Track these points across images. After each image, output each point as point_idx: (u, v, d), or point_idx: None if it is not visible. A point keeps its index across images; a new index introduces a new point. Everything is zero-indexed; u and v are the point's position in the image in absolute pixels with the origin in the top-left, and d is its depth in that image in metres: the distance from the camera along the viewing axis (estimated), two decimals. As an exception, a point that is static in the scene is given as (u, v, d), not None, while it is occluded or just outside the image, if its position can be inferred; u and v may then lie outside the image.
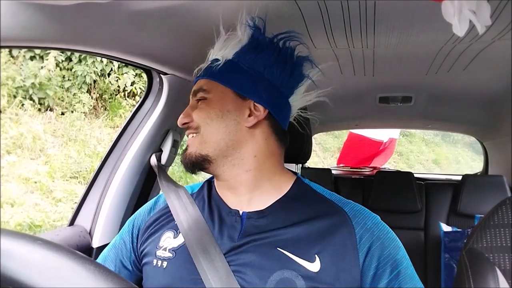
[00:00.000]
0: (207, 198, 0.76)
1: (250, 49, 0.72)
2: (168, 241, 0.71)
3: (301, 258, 0.62)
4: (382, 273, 0.63)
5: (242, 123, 0.70)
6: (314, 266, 0.62)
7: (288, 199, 0.71)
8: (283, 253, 0.63)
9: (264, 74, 0.71)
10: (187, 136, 0.75)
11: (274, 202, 0.70)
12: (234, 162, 0.70)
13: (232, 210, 0.70)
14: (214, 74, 0.72)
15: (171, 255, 0.69)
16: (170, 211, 0.75)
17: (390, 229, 0.68)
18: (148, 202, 0.83)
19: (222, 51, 0.74)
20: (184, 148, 0.75)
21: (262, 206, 0.70)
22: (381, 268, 0.63)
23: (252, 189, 0.71)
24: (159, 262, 0.69)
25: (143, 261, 0.73)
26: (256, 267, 0.62)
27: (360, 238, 0.65)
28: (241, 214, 0.70)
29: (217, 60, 0.73)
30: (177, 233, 0.72)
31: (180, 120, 0.73)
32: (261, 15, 0.73)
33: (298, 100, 0.77)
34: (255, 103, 0.70)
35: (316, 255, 0.63)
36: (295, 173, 0.78)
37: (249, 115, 0.70)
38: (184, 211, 0.73)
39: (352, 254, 0.63)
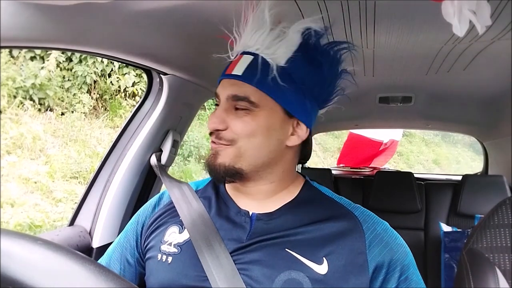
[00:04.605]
0: (214, 196, 0.75)
1: (306, 60, 0.64)
2: (173, 236, 0.71)
3: (309, 260, 0.62)
4: (390, 277, 0.63)
5: (284, 142, 0.66)
6: (321, 269, 0.61)
7: (298, 202, 0.70)
8: (290, 254, 0.63)
9: (313, 91, 0.66)
10: (216, 140, 0.66)
11: (284, 205, 0.70)
12: (263, 175, 0.68)
13: (242, 210, 0.70)
14: (266, 85, 0.62)
15: (176, 250, 0.68)
16: (174, 206, 0.75)
17: (399, 235, 0.68)
18: (152, 199, 0.82)
19: (271, 50, 0.63)
20: (210, 153, 0.67)
21: (272, 208, 0.69)
22: (389, 273, 0.63)
23: (269, 196, 0.71)
24: (164, 257, 0.68)
25: (147, 256, 0.73)
26: (263, 266, 0.62)
27: (369, 243, 0.64)
28: (250, 215, 0.69)
29: (266, 62, 0.62)
30: (182, 228, 0.71)
31: (212, 125, 0.64)
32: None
33: (325, 109, 0.74)
34: (299, 121, 0.66)
35: (324, 258, 0.62)
36: (303, 176, 0.77)
37: (292, 134, 0.67)
38: (189, 206, 0.73)
39: (361, 259, 0.63)
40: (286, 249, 0.63)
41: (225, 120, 0.64)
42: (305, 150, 0.74)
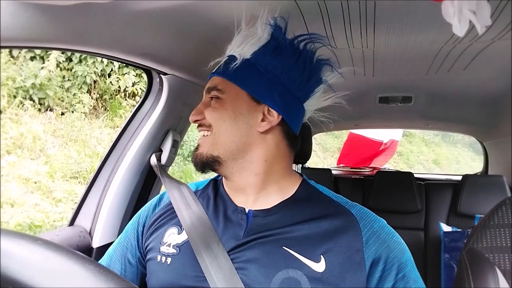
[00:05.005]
0: (213, 195, 0.76)
1: (269, 50, 0.70)
2: (172, 237, 0.72)
3: (307, 258, 0.62)
4: (387, 275, 0.64)
5: (254, 127, 0.69)
6: (319, 266, 0.62)
7: (294, 200, 0.71)
8: (288, 252, 0.63)
9: (280, 79, 0.69)
10: (199, 132, 0.74)
11: (281, 202, 0.70)
12: (244, 164, 0.70)
13: (238, 208, 0.71)
14: (230, 74, 0.70)
15: (175, 251, 0.69)
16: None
17: (396, 233, 0.69)
18: (153, 199, 0.83)
19: (240, 47, 0.71)
20: (195, 147, 0.74)
21: (267, 206, 0.70)
22: (386, 270, 0.64)
23: (258, 191, 0.71)
24: (163, 258, 0.69)
25: (147, 257, 0.73)
26: (261, 265, 0.62)
27: (366, 241, 0.65)
28: (247, 212, 0.70)
29: (234, 57, 0.71)
30: (181, 229, 0.72)
31: (192, 117, 0.72)
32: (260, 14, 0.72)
33: (313, 104, 0.75)
34: (269, 108, 0.69)
35: (321, 256, 0.63)
36: (301, 175, 0.78)
37: (262, 120, 0.69)
38: (187, 207, 0.73)
39: (358, 256, 0.63)
40: (284, 247, 0.64)
41: (202, 112, 0.72)
42: (295, 144, 0.74)
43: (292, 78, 0.70)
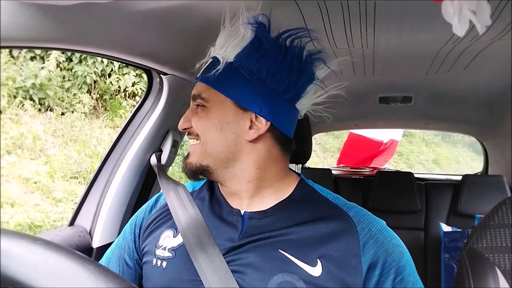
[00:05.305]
0: (209, 197, 0.75)
1: (252, 51, 0.66)
2: (168, 240, 0.71)
3: (303, 262, 0.61)
4: (385, 279, 0.63)
5: (242, 136, 0.66)
6: (315, 271, 0.61)
7: (291, 201, 0.70)
8: (284, 255, 0.62)
9: (266, 82, 0.65)
10: (189, 140, 0.73)
11: (277, 203, 0.69)
12: (235, 172, 0.68)
13: (234, 210, 0.70)
14: (213, 81, 0.66)
15: (170, 254, 0.69)
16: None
17: (395, 235, 0.67)
18: (149, 201, 0.83)
19: (223, 49, 0.68)
20: (185, 155, 0.73)
21: (263, 207, 0.69)
22: (384, 275, 0.63)
23: (252, 196, 0.70)
24: (159, 262, 0.69)
25: (143, 260, 0.73)
26: (256, 269, 0.62)
27: (364, 245, 0.63)
28: (242, 214, 0.69)
29: (217, 60, 0.67)
30: (176, 232, 0.71)
31: (181, 125, 0.71)
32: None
33: (307, 103, 0.72)
34: (257, 115, 0.66)
35: (318, 260, 0.62)
36: (298, 174, 0.76)
37: (250, 127, 0.66)
38: (183, 210, 0.72)
39: (354, 261, 0.62)
40: (279, 250, 0.63)
41: (190, 119, 0.70)
42: (288, 147, 0.72)
43: (280, 80, 0.66)
